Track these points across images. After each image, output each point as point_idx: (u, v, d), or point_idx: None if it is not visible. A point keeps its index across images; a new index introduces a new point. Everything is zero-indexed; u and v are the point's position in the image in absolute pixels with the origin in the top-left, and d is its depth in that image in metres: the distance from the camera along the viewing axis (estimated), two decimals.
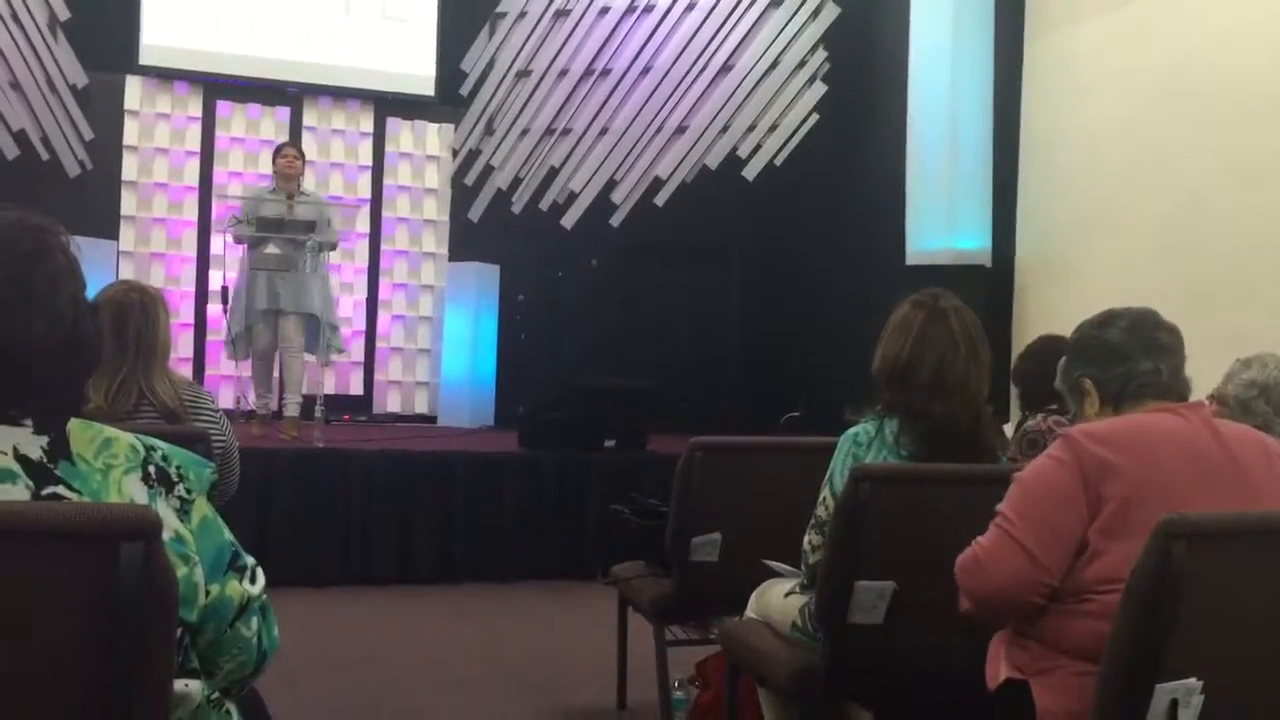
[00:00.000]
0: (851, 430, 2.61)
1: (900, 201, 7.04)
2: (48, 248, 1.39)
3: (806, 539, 2.62)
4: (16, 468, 1.32)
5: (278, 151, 6.74)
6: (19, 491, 1.31)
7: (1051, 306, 6.35)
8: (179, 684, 1.39)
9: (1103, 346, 2.09)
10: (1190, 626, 1.67)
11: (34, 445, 1.34)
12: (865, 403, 2.65)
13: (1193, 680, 1.69)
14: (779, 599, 2.75)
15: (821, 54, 8.15)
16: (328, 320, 6.60)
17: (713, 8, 8.27)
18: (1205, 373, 3.30)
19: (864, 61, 7.93)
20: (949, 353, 2.52)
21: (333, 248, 6.81)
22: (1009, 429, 3.66)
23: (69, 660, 1.24)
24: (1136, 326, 2.08)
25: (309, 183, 7.94)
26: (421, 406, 8.53)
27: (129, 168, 8.00)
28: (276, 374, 6.69)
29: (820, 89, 8.12)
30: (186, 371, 7.38)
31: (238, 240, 6.53)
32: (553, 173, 8.49)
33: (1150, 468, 1.89)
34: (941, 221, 6.83)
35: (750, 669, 2.76)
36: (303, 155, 6.83)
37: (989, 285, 6.68)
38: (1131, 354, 2.05)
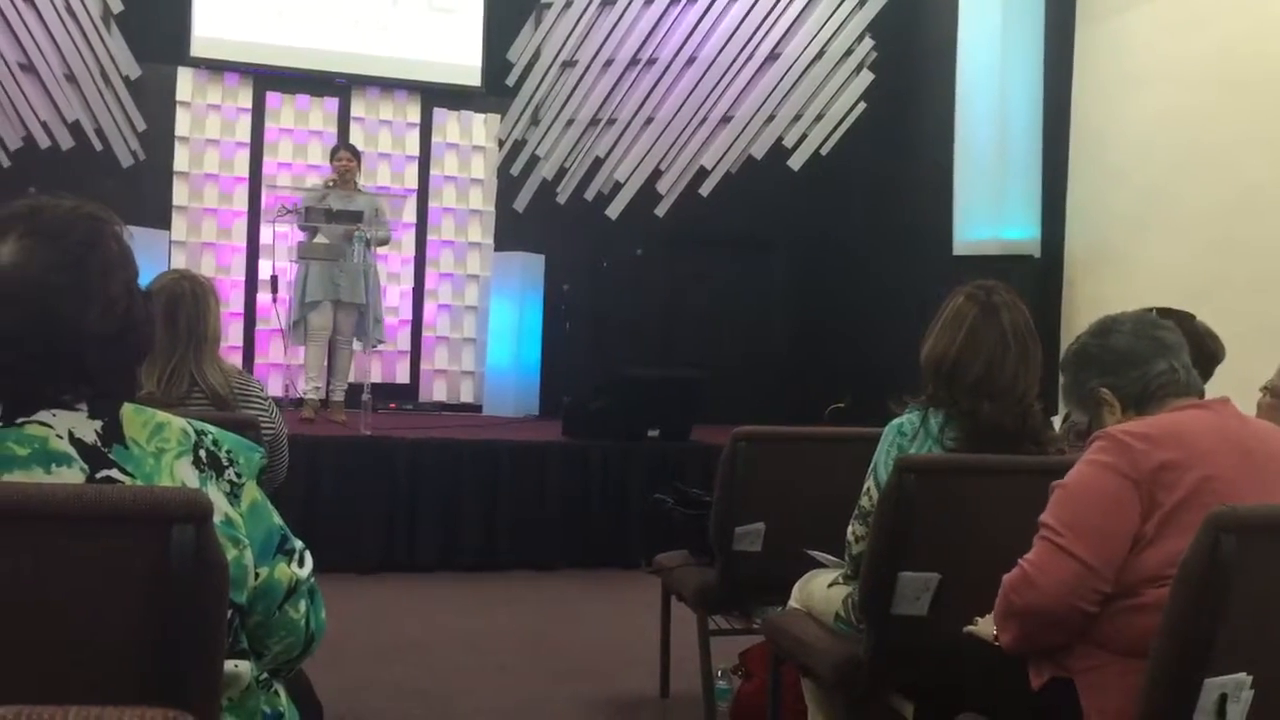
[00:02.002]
0: (896, 421, 2.60)
1: (948, 191, 6.98)
2: (102, 236, 1.42)
3: (850, 529, 2.62)
4: (72, 451, 1.35)
5: (333, 154, 7.01)
6: (74, 474, 1.34)
7: (1102, 298, 6.26)
8: (229, 665, 1.41)
9: (1112, 354, 2.05)
10: (1240, 620, 1.65)
11: (89, 429, 1.37)
12: (910, 394, 2.63)
13: (1242, 675, 1.67)
14: (822, 589, 2.75)
15: (868, 42, 8.09)
16: (374, 313, 6.77)
17: None
18: (1259, 365, 3.25)
19: (911, 50, 7.86)
20: (999, 353, 2.49)
21: (384, 242, 6.95)
22: (1057, 421, 3.62)
23: (122, 641, 1.26)
24: (1140, 329, 2.04)
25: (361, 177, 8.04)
26: (467, 395, 8.58)
27: (180, 158, 8.11)
28: (325, 362, 6.82)
29: (867, 78, 8.06)
30: (236, 360, 7.48)
31: (301, 228, 6.74)
32: (598, 163, 8.50)
33: (1203, 462, 1.85)
34: (990, 211, 6.77)
35: (793, 659, 2.75)
36: (357, 155, 7.04)
37: (1038, 276, 6.60)
38: (1144, 356, 2.02)
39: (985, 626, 2.08)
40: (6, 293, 1.34)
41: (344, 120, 8.39)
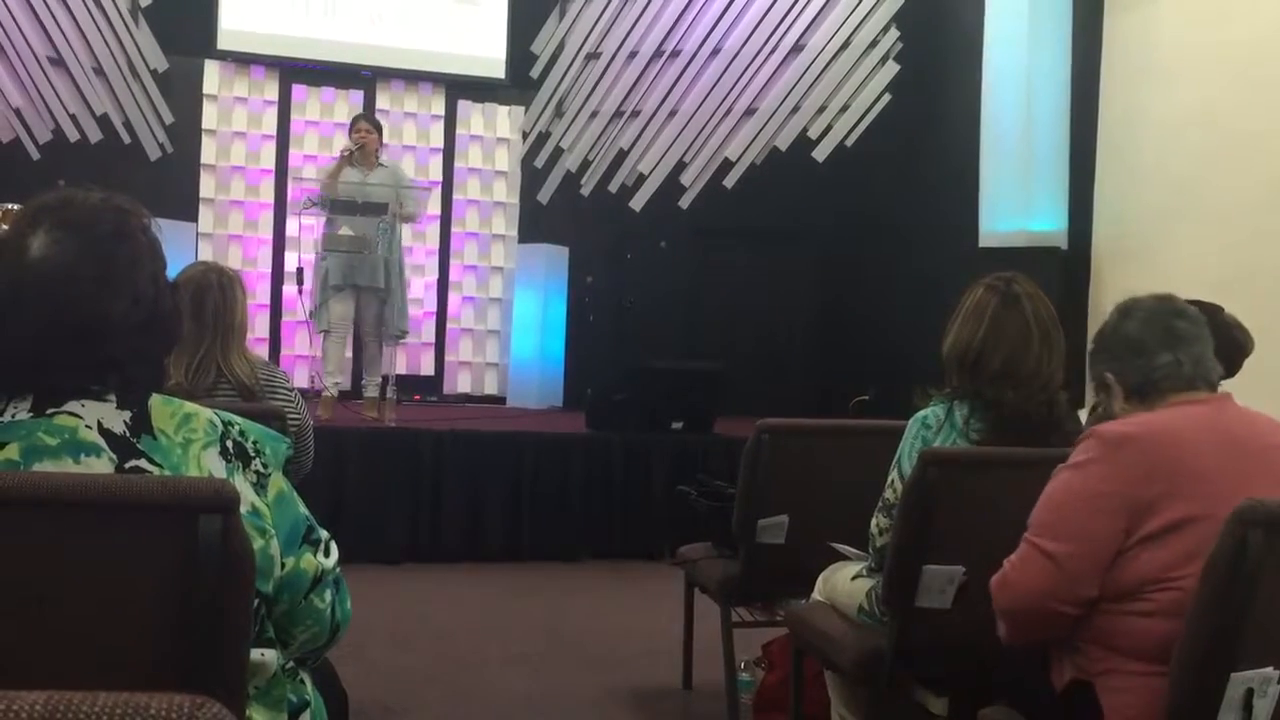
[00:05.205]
0: (921, 413, 2.59)
1: (973, 183, 6.94)
2: (130, 229, 1.43)
3: (874, 522, 2.61)
4: (101, 441, 1.36)
5: (352, 125, 6.65)
6: (103, 464, 1.35)
7: (1129, 291, 6.10)
8: (255, 653, 1.43)
9: (1122, 340, 2.03)
10: (1266, 615, 1.64)
11: (117, 420, 1.38)
12: (934, 387, 2.62)
13: (1269, 669, 1.66)
14: (846, 582, 2.74)
15: (894, 34, 8.04)
16: (395, 301, 6.51)
17: None
18: None
19: (937, 41, 7.81)
20: (1021, 342, 2.48)
21: (412, 219, 6.72)
22: (1084, 414, 3.60)
23: (149, 629, 1.27)
24: (1154, 318, 2.01)
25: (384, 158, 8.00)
26: (491, 387, 8.61)
27: (207, 151, 8.16)
28: (348, 354, 6.77)
29: (892, 69, 8.02)
30: (263, 351, 7.50)
31: (310, 202, 6.43)
32: (622, 155, 8.50)
33: (1185, 464, 1.83)
34: (1016, 203, 6.73)
35: (816, 652, 2.75)
36: (378, 127, 6.64)
37: (1065, 268, 6.56)
38: (1149, 347, 1.98)
39: None
40: (36, 285, 1.35)
41: (369, 112, 8.39)
